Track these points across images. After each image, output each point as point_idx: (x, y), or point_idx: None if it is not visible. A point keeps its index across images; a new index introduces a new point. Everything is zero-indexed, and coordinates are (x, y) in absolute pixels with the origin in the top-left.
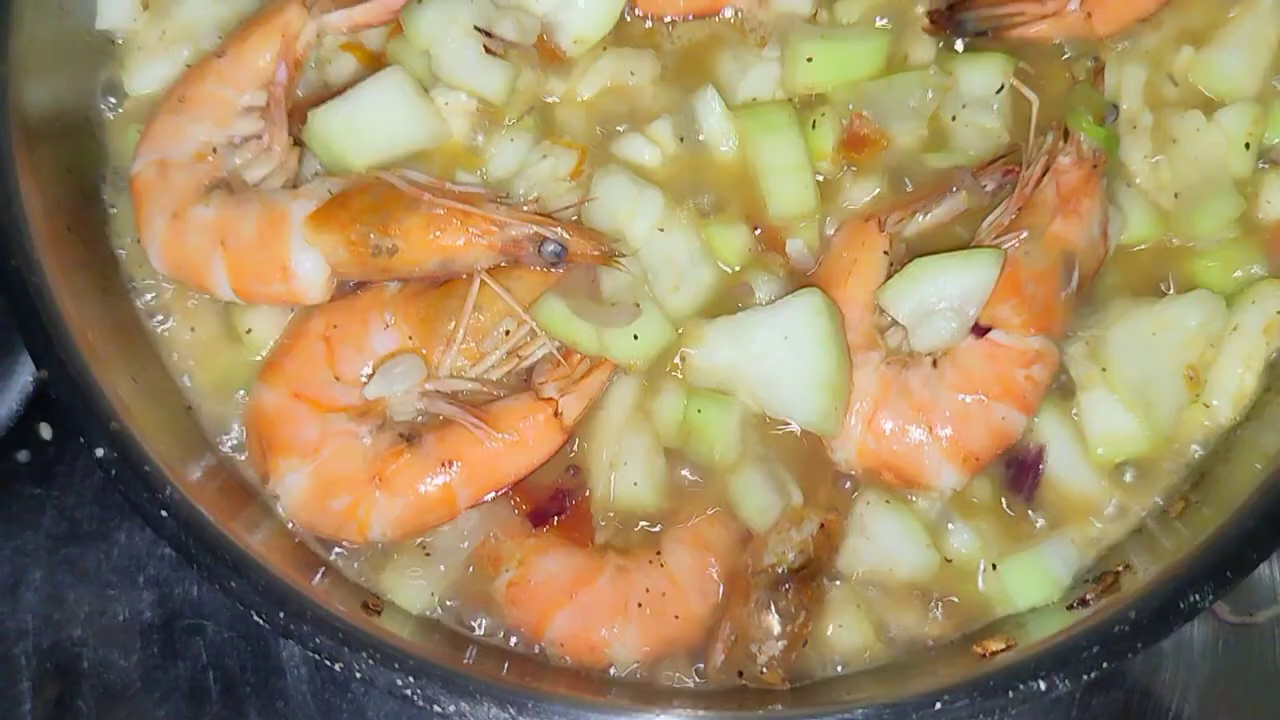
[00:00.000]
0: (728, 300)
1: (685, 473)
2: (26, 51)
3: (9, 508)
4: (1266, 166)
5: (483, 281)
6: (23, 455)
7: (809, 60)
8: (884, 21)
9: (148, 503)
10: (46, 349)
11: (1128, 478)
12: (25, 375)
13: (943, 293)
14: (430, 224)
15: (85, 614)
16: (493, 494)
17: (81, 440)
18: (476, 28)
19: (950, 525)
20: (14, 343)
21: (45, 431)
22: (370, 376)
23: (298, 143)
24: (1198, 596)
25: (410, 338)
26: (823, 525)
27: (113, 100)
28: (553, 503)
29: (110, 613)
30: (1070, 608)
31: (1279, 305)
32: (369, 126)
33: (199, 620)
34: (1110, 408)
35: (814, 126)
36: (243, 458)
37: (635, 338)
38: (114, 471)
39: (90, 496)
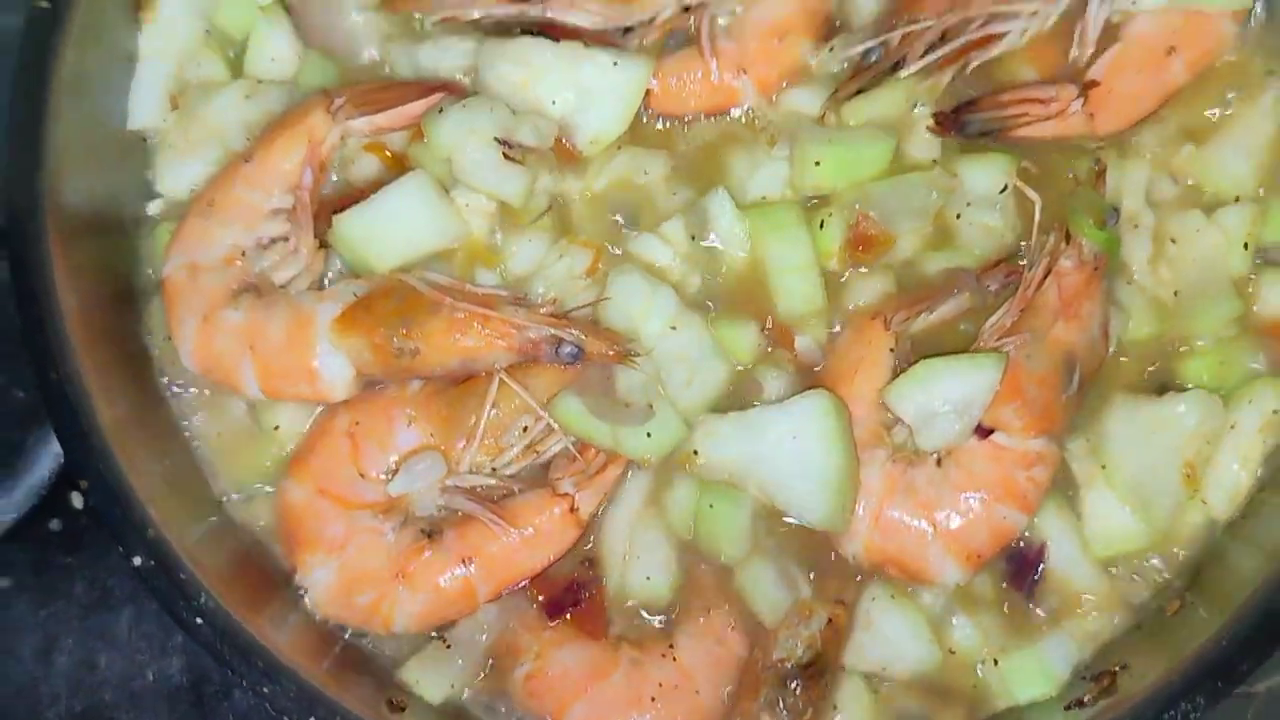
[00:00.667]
0: (738, 396)
1: (697, 566)
2: (62, 154)
3: (41, 576)
4: (1265, 264)
5: (502, 380)
6: (55, 524)
7: (817, 164)
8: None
9: (184, 610)
10: (86, 460)
11: (1126, 574)
12: (56, 445)
13: (946, 395)
14: (451, 327)
15: (116, 679)
16: (511, 588)
17: (120, 550)
18: (496, 139)
19: (954, 620)
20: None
21: (76, 500)
22: (393, 473)
23: (323, 244)
24: (1190, 706)
25: (431, 435)
26: (830, 620)
27: (144, 199)
28: (568, 595)
29: (141, 677)
30: (1068, 708)
31: (1276, 405)
32: (393, 230)
33: (226, 685)
34: (1110, 505)
35: (821, 227)
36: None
37: (649, 435)
38: (151, 581)
39: (119, 564)
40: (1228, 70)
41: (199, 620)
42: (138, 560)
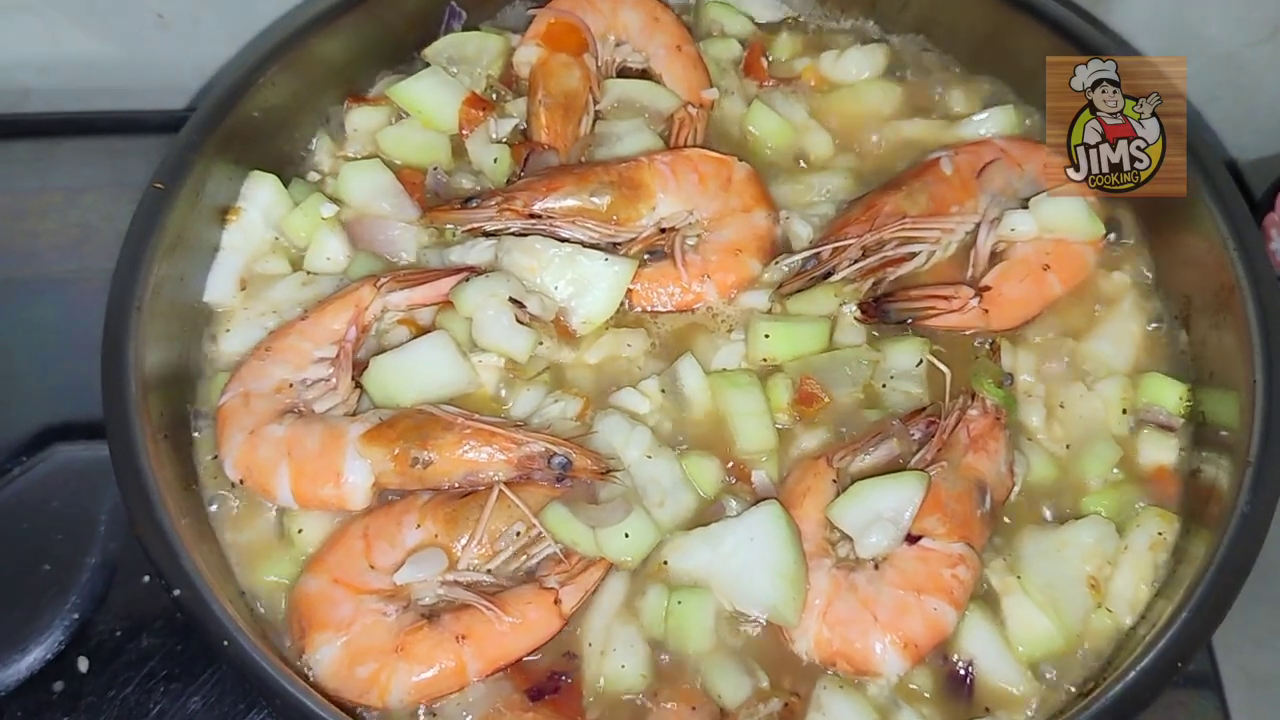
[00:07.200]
0: (705, 520)
1: (666, 659)
2: (149, 319)
3: None
4: (1140, 424)
5: (500, 491)
6: (58, 686)
7: (767, 336)
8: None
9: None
10: (148, 517)
11: (1047, 672)
12: (71, 616)
13: (880, 507)
14: (460, 441)
15: None
16: (497, 669)
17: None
18: (511, 299)
19: (898, 710)
20: (69, 581)
21: (82, 665)
22: (400, 565)
23: (357, 385)
24: None
25: (436, 535)
26: (785, 704)
27: (206, 357)
28: (548, 681)
29: None
30: None
31: (1159, 528)
32: (416, 374)
33: None
34: (1028, 611)
35: (771, 387)
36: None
37: (626, 536)
38: (190, 614)
39: None
40: (1092, 290)
41: (225, 643)
42: (178, 591)
